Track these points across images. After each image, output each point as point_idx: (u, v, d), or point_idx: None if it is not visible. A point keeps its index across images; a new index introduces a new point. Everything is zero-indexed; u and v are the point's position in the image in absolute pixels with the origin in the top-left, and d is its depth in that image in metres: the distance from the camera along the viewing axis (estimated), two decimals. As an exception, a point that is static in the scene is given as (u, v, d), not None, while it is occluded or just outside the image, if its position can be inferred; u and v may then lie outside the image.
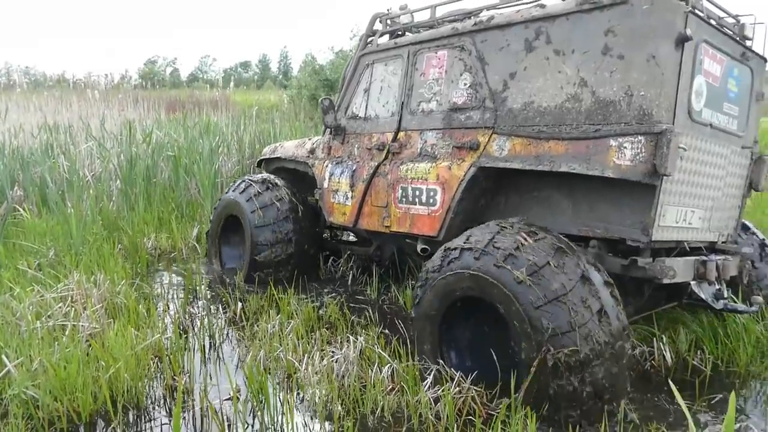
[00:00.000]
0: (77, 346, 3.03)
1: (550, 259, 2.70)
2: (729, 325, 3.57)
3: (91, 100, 12.52)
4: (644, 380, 3.31)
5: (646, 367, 3.43)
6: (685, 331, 3.61)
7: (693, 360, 3.47)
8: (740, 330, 3.51)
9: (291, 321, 3.73)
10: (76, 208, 5.75)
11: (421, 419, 2.69)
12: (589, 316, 2.57)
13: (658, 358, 3.45)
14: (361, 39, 4.52)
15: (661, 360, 3.44)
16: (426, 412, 2.69)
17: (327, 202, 4.64)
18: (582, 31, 3.02)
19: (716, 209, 3.40)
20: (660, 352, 3.45)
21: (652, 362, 3.45)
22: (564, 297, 2.59)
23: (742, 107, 3.46)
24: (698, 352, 3.54)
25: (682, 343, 3.56)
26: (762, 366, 3.34)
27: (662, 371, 3.38)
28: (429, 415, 2.68)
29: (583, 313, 2.57)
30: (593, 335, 2.55)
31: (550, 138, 3.11)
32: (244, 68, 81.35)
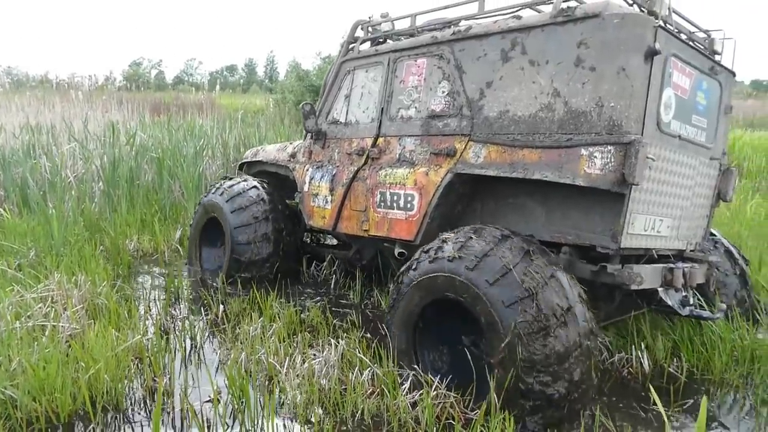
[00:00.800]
0: (57, 346, 3.02)
1: (518, 261, 2.77)
2: (705, 334, 3.64)
3: (74, 101, 12.39)
4: (621, 386, 3.37)
5: (623, 374, 3.49)
6: (662, 339, 3.68)
7: (669, 367, 3.54)
8: (716, 338, 3.58)
9: (273, 324, 3.73)
10: (57, 208, 5.71)
11: (401, 423, 2.71)
12: (557, 315, 2.64)
13: (636, 364, 3.51)
14: (343, 46, 4.58)
15: (638, 367, 3.50)
16: (405, 416, 2.72)
17: (307, 205, 4.70)
18: (556, 42, 3.10)
19: (685, 218, 3.49)
20: (638, 359, 3.51)
21: (630, 369, 3.51)
22: (532, 296, 2.65)
23: (711, 120, 3.55)
24: (675, 360, 3.61)
25: (659, 350, 3.62)
26: (735, 374, 3.41)
27: (639, 378, 3.44)
28: (408, 419, 2.71)
29: (551, 312, 2.64)
30: (560, 334, 2.62)
31: (524, 146, 3.19)
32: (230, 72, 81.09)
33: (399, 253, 3.97)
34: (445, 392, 2.83)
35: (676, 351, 3.68)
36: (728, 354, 3.51)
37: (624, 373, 3.49)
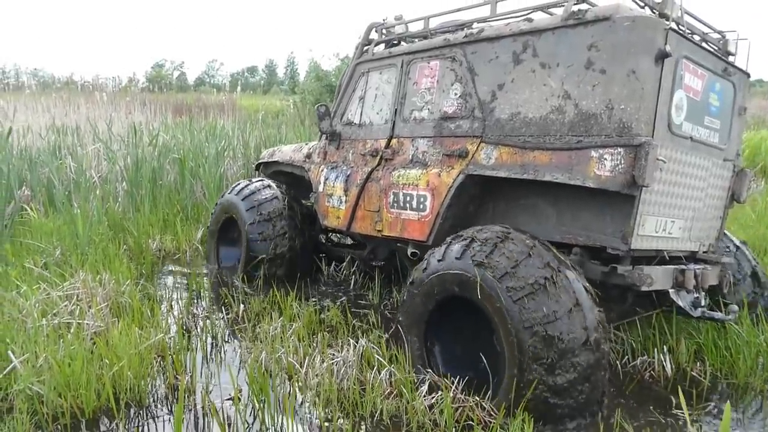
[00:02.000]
0: (82, 343, 3.07)
1: (526, 257, 2.80)
2: (730, 337, 3.59)
3: (98, 103, 12.59)
4: (643, 390, 3.33)
5: (645, 377, 3.45)
6: (686, 342, 3.63)
7: (692, 371, 3.49)
8: (741, 342, 3.53)
9: (293, 324, 3.76)
10: (82, 208, 5.79)
11: (419, 424, 2.72)
12: (564, 309, 2.66)
13: (658, 368, 3.47)
14: (357, 48, 4.62)
15: (660, 370, 3.46)
16: (423, 418, 2.72)
17: (322, 205, 4.74)
18: (567, 45, 3.11)
19: (697, 219, 3.47)
20: (660, 363, 3.48)
21: (652, 372, 3.47)
22: (539, 291, 2.68)
23: (724, 121, 3.52)
24: (698, 363, 3.56)
25: (682, 354, 3.58)
26: (761, 379, 3.36)
27: (661, 381, 3.40)
28: (426, 421, 2.71)
29: (558, 307, 2.66)
30: (568, 328, 2.64)
31: (535, 148, 3.20)
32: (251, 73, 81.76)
33: (412, 253, 4.00)
34: (464, 396, 2.83)
35: (700, 355, 3.63)
36: (753, 358, 3.46)
37: (646, 377, 3.46)
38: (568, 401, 2.67)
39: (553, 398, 2.64)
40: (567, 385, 2.64)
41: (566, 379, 2.63)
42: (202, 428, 2.74)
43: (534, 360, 2.62)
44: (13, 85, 19.09)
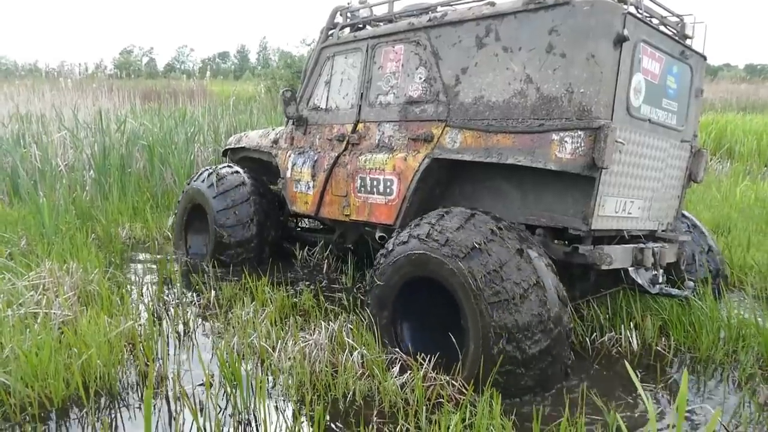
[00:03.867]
0: (49, 333, 3.03)
1: (489, 236, 2.87)
2: (693, 313, 3.69)
3: (64, 90, 12.29)
4: (610, 365, 3.41)
5: (612, 353, 3.53)
6: (651, 318, 3.72)
7: (657, 346, 3.58)
8: (704, 317, 3.63)
9: (265, 308, 3.75)
10: (48, 197, 5.69)
11: (392, 403, 2.75)
12: (527, 286, 2.74)
13: (625, 344, 3.55)
14: (322, 32, 4.59)
15: (627, 346, 3.55)
16: (395, 398, 2.75)
17: (290, 191, 4.75)
18: (528, 29, 3.15)
19: (656, 199, 3.56)
20: (627, 339, 3.56)
21: (619, 348, 3.56)
22: (502, 269, 2.75)
23: (682, 103, 3.61)
24: (663, 338, 3.66)
25: (648, 329, 3.67)
26: (722, 351, 3.46)
27: (628, 356, 3.48)
28: (399, 400, 2.74)
29: (521, 284, 2.73)
30: (531, 304, 2.72)
31: (498, 131, 3.25)
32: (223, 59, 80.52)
33: (380, 236, 4.05)
34: (435, 375, 2.87)
35: (665, 330, 3.73)
36: (715, 333, 3.56)
37: (613, 352, 3.54)
38: (531, 373, 2.75)
39: (518, 370, 2.72)
40: (530, 358, 2.72)
41: (529, 352, 2.71)
42: (174, 414, 2.73)
43: (497, 334, 2.69)
44: (-25, 72, 18.52)
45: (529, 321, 2.70)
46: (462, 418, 2.47)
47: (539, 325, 2.72)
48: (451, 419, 2.43)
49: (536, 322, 2.71)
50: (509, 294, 2.71)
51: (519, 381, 2.75)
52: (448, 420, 2.44)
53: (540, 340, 2.72)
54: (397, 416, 2.64)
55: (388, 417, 2.69)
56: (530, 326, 2.70)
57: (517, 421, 2.63)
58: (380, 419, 2.67)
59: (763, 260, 4.97)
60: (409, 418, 2.60)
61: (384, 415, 2.71)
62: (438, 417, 2.56)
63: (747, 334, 3.52)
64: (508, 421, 2.49)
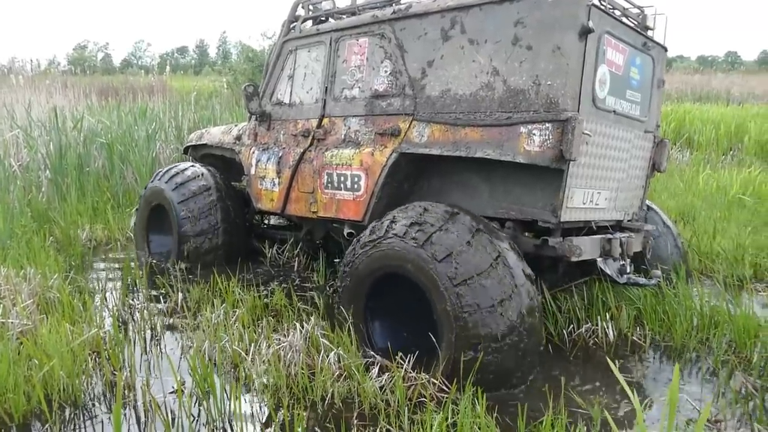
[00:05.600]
0: (7, 344, 2.86)
1: (467, 238, 2.84)
2: (668, 302, 3.72)
3: (15, 87, 11.80)
4: (588, 357, 3.41)
5: (589, 344, 3.54)
6: (627, 309, 3.74)
7: (633, 336, 3.60)
8: (678, 307, 3.66)
9: (236, 310, 3.63)
10: (2, 200, 5.44)
11: (372, 405, 2.68)
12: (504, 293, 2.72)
13: (601, 334, 3.56)
14: (284, 25, 4.48)
15: (603, 336, 3.55)
16: (375, 399, 2.69)
17: (254, 188, 4.64)
18: (494, 21, 3.12)
19: (621, 190, 3.60)
20: (603, 330, 3.57)
21: (596, 339, 3.56)
22: (480, 275, 2.72)
23: (645, 94, 3.64)
24: (638, 328, 3.68)
25: (623, 319, 3.68)
26: (695, 339, 3.49)
27: (604, 347, 3.49)
28: (379, 401, 2.67)
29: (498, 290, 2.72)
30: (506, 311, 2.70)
31: (466, 125, 3.22)
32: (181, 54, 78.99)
33: (348, 233, 3.98)
34: (415, 374, 2.81)
35: (640, 320, 3.75)
36: (688, 321, 3.60)
37: (590, 343, 3.54)
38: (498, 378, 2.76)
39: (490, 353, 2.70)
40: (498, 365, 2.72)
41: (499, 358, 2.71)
42: (144, 424, 2.61)
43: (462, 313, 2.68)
44: None
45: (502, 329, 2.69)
46: (445, 417, 2.42)
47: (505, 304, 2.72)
48: (434, 419, 2.37)
49: (508, 325, 2.71)
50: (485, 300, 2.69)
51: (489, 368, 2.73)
52: (432, 420, 2.38)
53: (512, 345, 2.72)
54: (378, 417, 2.58)
55: (368, 419, 2.62)
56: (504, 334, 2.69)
57: (500, 417, 2.60)
58: (361, 422, 2.60)
59: (729, 247, 5.07)
60: (390, 419, 2.54)
61: (365, 417, 2.64)
62: (420, 417, 2.51)
63: (719, 321, 3.56)
64: (491, 419, 2.45)
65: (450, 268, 2.74)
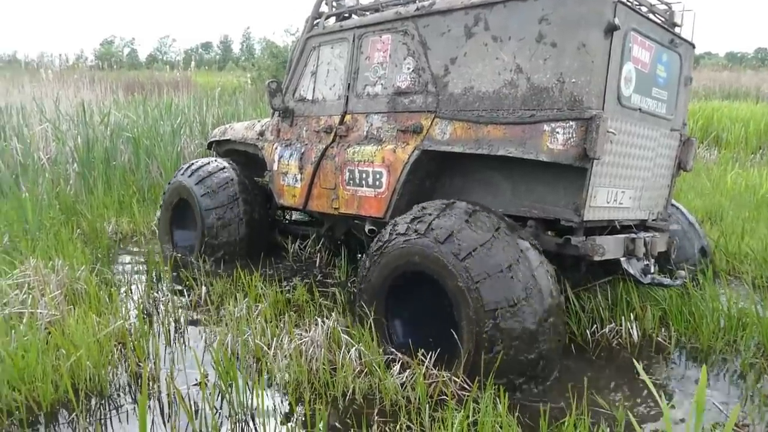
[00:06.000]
0: (36, 334, 2.92)
1: (488, 236, 2.82)
2: (694, 303, 3.66)
3: (44, 81, 12.02)
4: (611, 357, 3.37)
5: (613, 345, 3.49)
6: (651, 309, 3.69)
7: (657, 337, 3.55)
8: (704, 307, 3.60)
9: (258, 304, 3.66)
10: (31, 192, 5.54)
11: (393, 401, 2.68)
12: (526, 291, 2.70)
13: (625, 335, 3.51)
14: (307, 21, 4.49)
15: (627, 337, 3.51)
16: (396, 396, 2.69)
17: (277, 184, 4.67)
18: (518, 18, 3.10)
19: (646, 189, 3.54)
20: (627, 330, 3.52)
21: (619, 340, 3.52)
22: (502, 273, 2.70)
23: (671, 92, 3.58)
24: (663, 329, 3.63)
25: (648, 320, 3.63)
26: (722, 341, 3.43)
27: (628, 348, 3.45)
28: (400, 398, 2.68)
29: (520, 288, 2.70)
30: (528, 309, 2.68)
31: (488, 122, 3.20)
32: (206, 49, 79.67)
33: (369, 230, 3.98)
34: (437, 371, 2.80)
35: (665, 320, 3.70)
36: (715, 322, 3.53)
37: (614, 344, 3.50)
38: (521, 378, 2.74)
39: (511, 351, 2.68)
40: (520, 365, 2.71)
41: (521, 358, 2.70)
42: (168, 416, 2.64)
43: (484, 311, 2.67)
44: (-49, 64, 18.10)
45: (524, 327, 2.68)
46: (466, 415, 2.41)
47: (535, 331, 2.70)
48: (455, 417, 2.37)
49: (532, 330, 2.69)
50: (507, 300, 2.68)
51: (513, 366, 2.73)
52: (452, 418, 2.37)
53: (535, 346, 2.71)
54: (398, 414, 2.58)
55: (389, 415, 2.62)
56: (525, 332, 2.68)
57: (521, 417, 2.58)
58: (381, 418, 2.60)
59: (758, 248, 4.96)
60: (411, 416, 2.54)
61: (385, 413, 2.64)
62: (441, 415, 2.50)
63: (747, 322, 3.49)
64: (513, 418, 2.43)
65: (470, 266, 2.73)
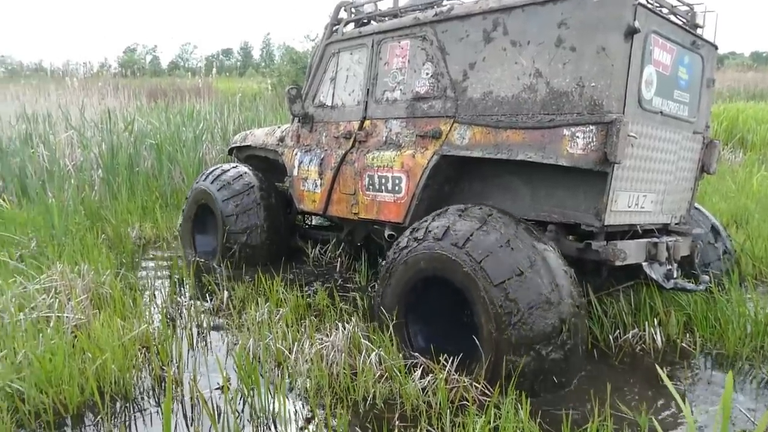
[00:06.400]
0: (62, 337, 2.98)
1: (507, 240, 2.81)
2: (719, 308, 3.60)
3: (69, 89, 12.25)
4: (634, 363, 3.33)
5: (636, 350, 3.45)
6: (676, 314, 3.64)
7: (682, 342, 3.50)
8: (730, 313, 3.54)
9: (280, 309, 3.69)
10: (57, 197, 5.64)
11: (414, 406, 2.68)
12: (545, 295, 2.69)
13: (649, 340, 3.47)
14: (327, 27, 4.53)
15: (651, 342, 3.46)
16: (416, 401, 2.69)
17: (297, 189, 4.71)
18: (537, 22, 3.09)
19: (668, 192, 3.50)
20: (651, 335, 3.48)
21: (643, 345, 3.47)
22: (521, 276, 2.69)
23: (693, 94, 3.53)
24: (687, 335, 3.57)
25: (672, 325, 3.58)
26: (748, 347, 3.37)
27: (652, 354, 3.40)
28: (420, 403, 2.67)
29: (539, 292, 2.68)
30: (549, 313, 2.67)
31: (507, 127, 3.20)
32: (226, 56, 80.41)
33: (389, 235, 4.00)
34: (457, 377, 2.80)
35: (689, 326, 3.64)
36: (741, 328, 3.47)
37: (637, 349, 3.45)
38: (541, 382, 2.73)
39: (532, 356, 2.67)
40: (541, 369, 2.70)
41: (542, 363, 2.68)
42: (191, 419, 2.67)
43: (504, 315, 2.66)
44: (-20, 73, 18.50)
45: (544, 332, 2.67)
46: (487, 421, 2.40)
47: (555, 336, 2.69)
48: (476, 422, 2.36)
49: (552, 334, 2.68)
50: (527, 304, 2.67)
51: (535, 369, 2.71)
52: (474, 423, 2.37)
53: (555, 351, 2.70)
54: (419, 419, 2.58)
55: (410, 420, 2.62)
56: (546, 338, 2.67)
57: (543, 423, 2.56)
58: (402, 423, 2.60)
59: (785, 252, 4.87)
60: (432, 421, 2.54)
61: (406, 418, 2.64)
62: (462, 420, 2.49)
63: (775, 329, 3.43)
64: (535, 424, 2.42)
65: (490, 270, 2.72)
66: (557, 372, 2.76)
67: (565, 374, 2.81)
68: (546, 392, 2.78)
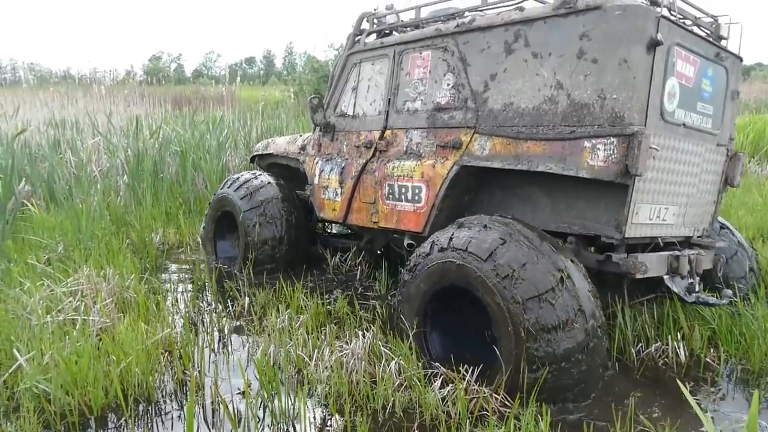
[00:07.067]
0: (88, 340, 3.03)
1: (529, 253, 2.80)
2: (744, 323, 3.54)
3: (96, 96, 12.51)
4: (657, 377, 3.29)
5: (659, 364, 3.40)
6: (699, 328, 3.59)
7: (706, 357, 3.45)
8: (756, 327, 3.48)
9: (300, 316, 3.71)
10: (84, 203, 5.75)
11: (433, 416, 2.68)
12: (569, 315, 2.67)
13: (672, 355, 3.42)
14: (349, 38, 4.58)
15: (674, 357, 3.42)
16: (436, 411, 2.68)
17: (317, 197, 4.74)
18: (558, 34, 3.09)
19: (691, 205, 3.47)
20: (674, 350, 3.43)
21: (665, 359, 3.43)
22: (545, 294, 2.68)
23: (717, 106, 3.50)
24: (712, 349, 3.52)
25: (696, 340, 3.53)
26: (775, 363, 3.31)
27: (675, 368, 3.35)
28: (440, 413, 2.67)
29: (563, 312, 2.66)
30: (570, 331, 2.65)
31: (528, 138, 3.19)
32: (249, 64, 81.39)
33: (408, 244, 4.02)
34: (477, 387, 2.79)
35: (714, 341, 3.59)
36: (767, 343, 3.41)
37: (660, 363, 3.41)
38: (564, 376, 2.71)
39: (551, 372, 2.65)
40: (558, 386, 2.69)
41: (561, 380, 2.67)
42: (212, 423, 2.70)
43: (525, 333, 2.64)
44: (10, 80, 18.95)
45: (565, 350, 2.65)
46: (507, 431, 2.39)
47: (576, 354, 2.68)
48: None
49: (573, 352, 2.67)
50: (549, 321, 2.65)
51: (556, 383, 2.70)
52: (493, 434, 2.36)
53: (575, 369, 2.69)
54: (438, 429, 2.57)
55: (429, 430, 2.62)
56: (567, 356, 2.66)
57: (563, 435, 2.55)
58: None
59: (814, 267, 4.76)
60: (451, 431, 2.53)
61: (425, 428, 2.64)
62: (482, 431, 2.49)
63: (802, 345, 3.36)
64: (555, 436, 2.40)
65: (513, 287, 2.71)
66: (574, 388, 2.75)
67: (582, 393, 2.81)
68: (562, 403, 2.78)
